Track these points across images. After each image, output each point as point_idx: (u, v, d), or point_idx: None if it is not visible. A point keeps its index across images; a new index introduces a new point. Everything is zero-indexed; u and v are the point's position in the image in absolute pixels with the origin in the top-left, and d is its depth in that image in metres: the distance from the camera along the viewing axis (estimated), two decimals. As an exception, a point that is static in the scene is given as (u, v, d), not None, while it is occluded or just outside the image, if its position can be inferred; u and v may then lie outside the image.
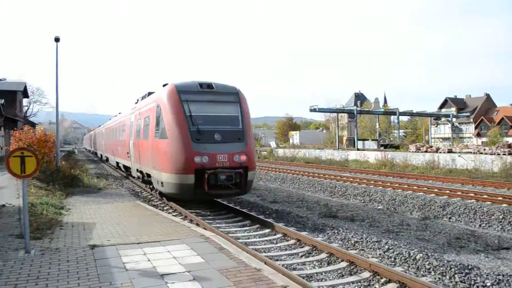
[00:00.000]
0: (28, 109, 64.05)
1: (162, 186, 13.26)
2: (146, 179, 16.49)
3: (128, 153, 19.93)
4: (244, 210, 13.17)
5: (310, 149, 49.43)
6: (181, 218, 11.80)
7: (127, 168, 21.91)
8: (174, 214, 12.97)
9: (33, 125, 48.55)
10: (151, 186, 16.38)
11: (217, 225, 11.57)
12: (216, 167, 12.18)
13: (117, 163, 25.83)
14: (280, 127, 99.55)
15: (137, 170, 17.85)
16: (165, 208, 14.22)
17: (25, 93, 50.10)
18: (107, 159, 34.35)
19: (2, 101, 36.31)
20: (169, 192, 12.98)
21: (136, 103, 19.99)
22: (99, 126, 55.90)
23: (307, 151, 47.14)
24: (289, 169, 31.07)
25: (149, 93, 17.29)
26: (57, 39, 20.68)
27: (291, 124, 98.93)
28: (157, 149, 13.51)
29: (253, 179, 13.39)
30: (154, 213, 11.94)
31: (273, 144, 68.14)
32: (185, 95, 12.95)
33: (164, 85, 14.34)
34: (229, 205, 14.09)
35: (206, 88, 13.37)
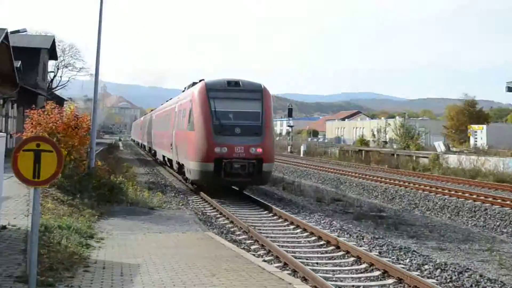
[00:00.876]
0: (55, 76, 68.31)
1: (190, 173, 23.13)
2: (182, 170, 26.12)
3: (171, 144, 29.34)
4: (395, 265, 12.65)
5: (507, 156, 46.91)
6: (276, 267, 11.58)
7: (170, 162, 31.60)
8: (267, 258, 12.82)
9: (60, 101, 51.56)
10: (185, 177, 26.32)
11: (337, 283, 11.20)
12: (233, 157, 20.92)
13: (163, 156, 36.67)
14: (453, 118, 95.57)
15: (176, 161, 27.72)
16: (252, 246, 14.19)
17: (52, 54, 52.90)
18: (155, 154, 46.58)
19: (19, 63, 38.06)
20: (194, 178, 23.09)
21: (183, 91, 30.51)
22: (151, 111, 58.93)
23: (501, 161, 44.62)
24: (466, 191, 29.81)
25: (193, 83, 26.90)
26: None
27: (472, 113, 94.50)
28: (187, 139, 23.10)
29: (270, 170, 22.85)
30: (234, 254, 11.91)
31: (439, 146, 65.41)
32: (213, 92, 22.18)
33: (200, 81, 24.02)
34: (359, 248, 13.70)
35: (233, 85, 22.66)
